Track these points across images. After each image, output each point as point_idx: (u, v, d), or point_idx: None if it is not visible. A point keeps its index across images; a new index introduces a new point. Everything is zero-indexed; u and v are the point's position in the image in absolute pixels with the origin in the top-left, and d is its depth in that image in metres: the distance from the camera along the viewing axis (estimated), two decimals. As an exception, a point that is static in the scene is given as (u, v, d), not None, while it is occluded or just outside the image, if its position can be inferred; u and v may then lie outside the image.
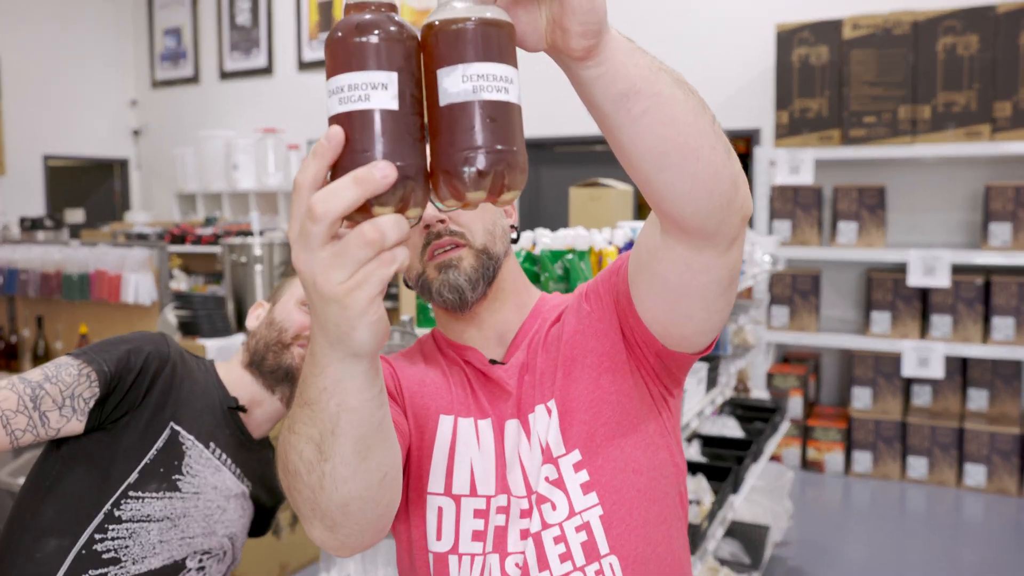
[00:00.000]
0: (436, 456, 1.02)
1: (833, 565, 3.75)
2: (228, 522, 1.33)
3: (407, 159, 0.60)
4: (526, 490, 0.98)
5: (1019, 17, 4.31)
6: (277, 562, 3.53)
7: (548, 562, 0.96)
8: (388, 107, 0.59)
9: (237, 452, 1.35)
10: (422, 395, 1.06)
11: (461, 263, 1.01)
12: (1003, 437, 4.52)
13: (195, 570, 1.27)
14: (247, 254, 3.38)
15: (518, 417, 1.01)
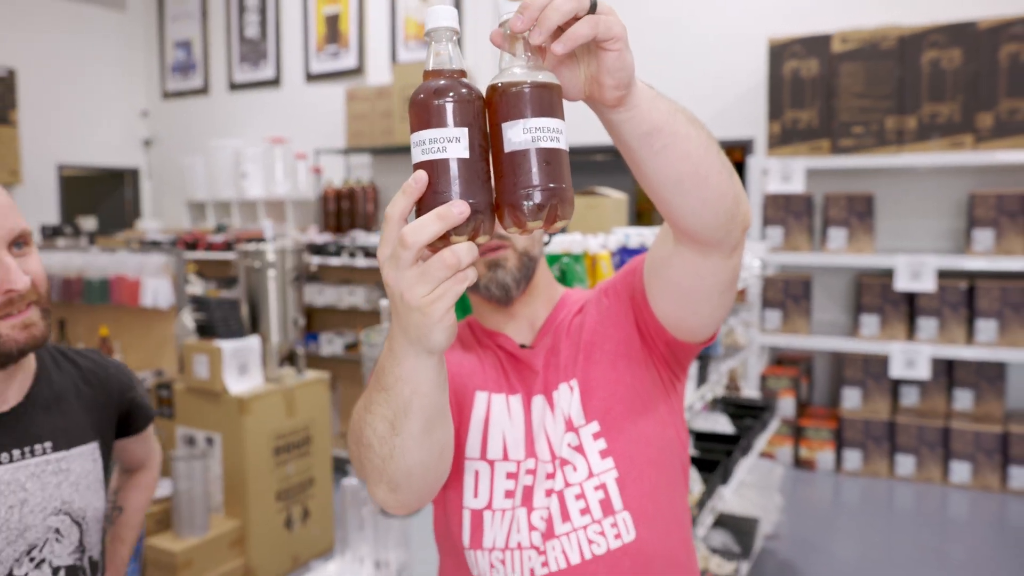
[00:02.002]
0: (473, 427, 1.19)
1: (823, 559, 3.90)
2: (39, 503, 1.15)
3: (477, 197, 0.76)
4: (551, 456, 1.15)
5: (999, 32, 4.48)
6: (290, 555, 3.70)
7: (569, 515, 1.13)
8: (461, 156, 0.75)
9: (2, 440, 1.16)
10: (460, 375, 1.22)
11: (507, 263, 1.18)
12: (987, 436, 4.68)
13: (32, 570, 1.14)
14: (261, 259, 3.56)
15: (544, 393, 1.18)
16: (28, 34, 7.51)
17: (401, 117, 6.04)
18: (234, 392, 3.39)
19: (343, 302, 5.29)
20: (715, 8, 5.49)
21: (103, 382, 1.32)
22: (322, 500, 3.85)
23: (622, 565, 1.11)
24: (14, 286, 1.09)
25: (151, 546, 3.25)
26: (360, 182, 6.48)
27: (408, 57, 6.69)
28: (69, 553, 1.20)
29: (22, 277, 1.09)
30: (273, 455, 3.56)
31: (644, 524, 1.13)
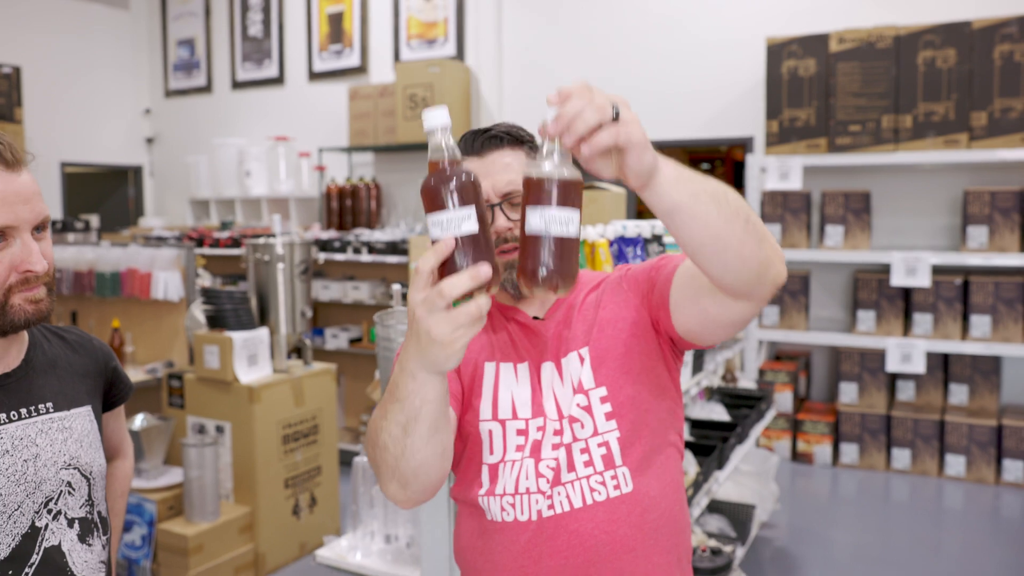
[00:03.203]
0: (484, 393, 1.30)
1: (819, 549, 3.99)
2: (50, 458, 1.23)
3: (488, 260, 0.94)
4: (558, 414, 1.26)
5: (993, 32, 4.57)
6: (297, 541, 3.77)
7: (575, 466, 1.24)
8: (472, 231, 0.93)
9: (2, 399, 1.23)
10: (470, 353, 1.33)
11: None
12: (981, 429, 4.76)
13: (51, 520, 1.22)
14: (270, 253, 3.64)
15: (553, 360, 1.29)
16: (33, 32, 7.58)
17: (404, 116, 6.12)
18: (244, 382, 3.47)
19: (348, 297, 5.37)
20: (714, 9, 5.57)
21: (89, 352, 1.41)
22: (329, 488, 3.92)
23: (620, 511, 1.23)
24: (34, 268, 1.17)
25: (163, 530, 3.33)
26: (363, 180, 6.56)
27: (411, 56, 6.77)
28: (80, 506, 1.27)
29: (42, 261, 1.18)
30: (282, 443, 3.64)
31: (641, 479, 1.25)
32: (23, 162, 1.18)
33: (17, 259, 1.16)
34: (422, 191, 0.95)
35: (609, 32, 5.93)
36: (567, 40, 6.10)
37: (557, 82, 6.10)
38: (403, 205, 6.58)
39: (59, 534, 1.23)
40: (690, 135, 5.76)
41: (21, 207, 1.15)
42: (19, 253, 1.16)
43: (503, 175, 1.27)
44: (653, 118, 5.78)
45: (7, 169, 1.16)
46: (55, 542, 1.23)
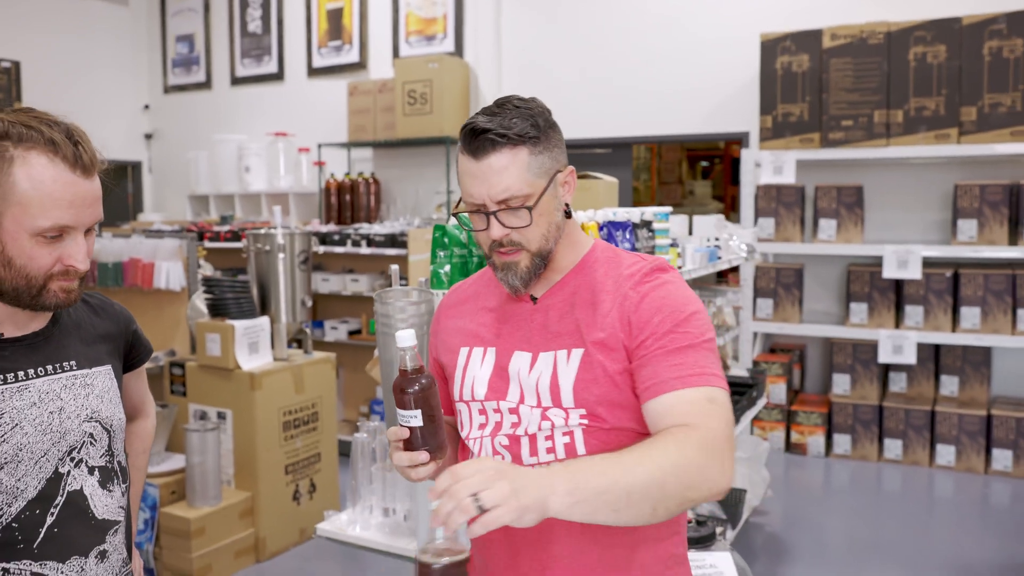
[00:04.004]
0: (457, 376, 1.39)
1: (811, 535, 4.06)
2: (75, 411, 1.33)
3: (431, 443, 1.24)
4: (520, 399, 1.30)
5: (982, 29, 4.64)
6: (297, 527, 3.84)
7: (537, 451, 1.28)
8: (417, 425, 1.23)
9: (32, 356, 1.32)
10: (452, 339, 1.42)
11: (518, 265, 1.29)
12: (970, 419, 4.83)
13: (73, 467, 1.31)
14: (271, 243, 3.70)
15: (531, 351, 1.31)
16: (32, 28, 7.63)
17: (403, 112, 6.18)
18: (245, 369, 3.53)
19: (347, 289, 5.43)
20: (710, 7, 5.64)
21: (111, 316, 1.50)
22: (328, 475, 3.99)
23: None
24: (77, 266, 1.27)
25: (166, 513, 3.40)
26: (362, 175, 6.62)
27: (410, 52, 6.83)
28: (101, 455, 1.37)
29: (86, 261, 1.28)
30: (282, 430, 3.70)
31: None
32: (97, 168, 1.27)
33: (65, 254, 1.25)
34: (393, 388, 1.24)
35: (607, 29, 5.99)
36: (565, 37, 6.17)
37: (556, 80, 6.18)
38: (402, 200, 6.64)
39: (81, 480, 1.33)
40: (687, 131, 5.82)
41: (83, 211, 1.25)
42: (68, 249, 1.25)
43: (498, 183, 1.24)
44: (651, 115, 5.85)
45: (83, 175, 1.24)
46: (77, 487, 1.32)
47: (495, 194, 1.25)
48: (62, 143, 1.23)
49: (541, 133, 1.27)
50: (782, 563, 3.69)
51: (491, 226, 1.27)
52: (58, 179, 1.22)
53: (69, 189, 1.23)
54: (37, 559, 1.27)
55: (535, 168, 1.26)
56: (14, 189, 1.20)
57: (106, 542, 1.36)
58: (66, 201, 1.22)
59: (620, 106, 5.96)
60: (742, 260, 3.46)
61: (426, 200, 6.54)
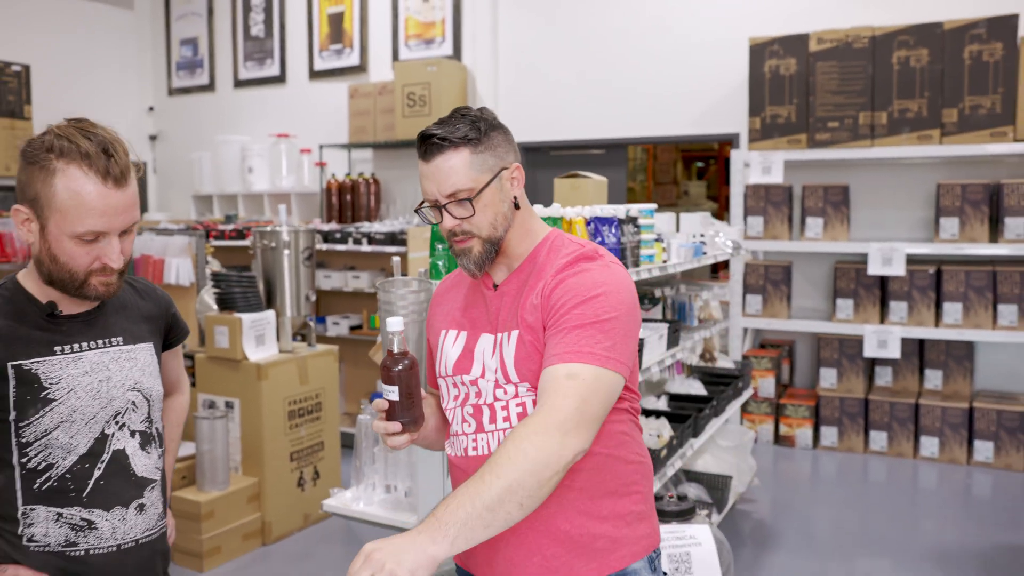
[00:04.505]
0: (438, 355, 1.59)
1: (798, 523, 4.21)
2: (120, 380, 1.50)
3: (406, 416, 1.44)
4: (481, 374, 1.49)
5: (963, 33, 4.80)
6: (301, 512, 3.99)
7: (495, 419, 1.48)
8: (395, 399, 1.42)
9: (85, 331, 1.49)
10: (438, 322, 1.61)
11: (471, 251, 1.47)
12: (953, 412, 4.99)
13: (117, 430, 1.48)
14: (276, 240, 3.86)
15: (492, 332, 1.51)
16: (39, 32, 7.79)
17: (403, 114, 6.34)
18: (252, 360, 3.69)
19: (348, 286, 5.59)
20: (701, 11, 5.80)
21: (153, 299, 1.67)
22: (331, 463, 4.14)
23: None
24: (111, 264, 1.44)
25: (177, 497, 3.55)
26: (362, 176, 6.78)
27: (409, 56, 6.99)
28: (141, 421, 1.54)
29: (119, 259, 1.45)
30: (287, 419, 3.86)
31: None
32: (129, 178, 1.42)
33: (102, 254, 1.42)
34: (381, 366, 1.44)
35: (602, 33, 6.16)
36: (561, 41, 6.33)
37: (551, 83, 6.34)
38: (401, 200, 6.80)
39: (123, 441, 1.51)
40: (680, 132, 5.98)
41: (115, 218, 1.41)
42: (104, 249, 1.42)
43: (446, 180, 1.42)
44: (645, 116, 6.01)
45: (114, 186, 1.40)
46: (120, 447, 1.50)
47: (443, 189, 1.44)
48: (95, 156, 1.38)
49: (482, 136, 1.44)
50: (768, 549, 3.84)
51: (444, 217, 1.46)
52: (92, 192, 1.38)
53: (101, 200, 1.38)
54: (86, 507, 1.46)
55: (477, 165, 1.44)
56: (55, 198, 1.38)
57: (144, 497, 1.53)
58: (98, 211, 1.39)
59: (614, 108, 6.12)
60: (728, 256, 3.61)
61: (425, 200, 6.70)
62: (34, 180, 1.39)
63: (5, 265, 4.55)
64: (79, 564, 1.45)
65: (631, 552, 1.47)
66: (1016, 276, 4.85)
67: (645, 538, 1.50)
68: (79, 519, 1.45)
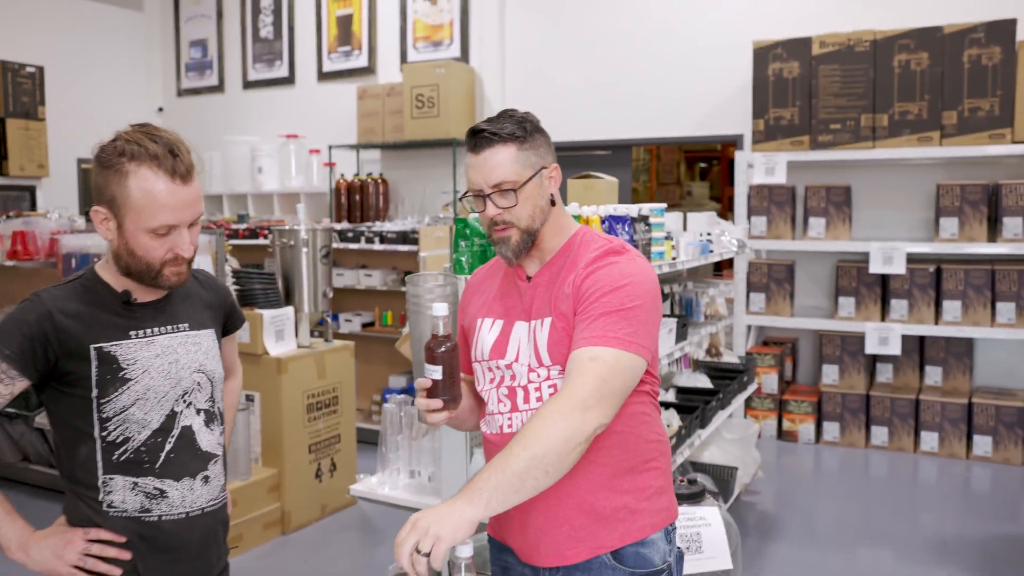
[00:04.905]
0: (474, 341, 1.71)
1: (801, 514, 4.32)
2: (187, 363, 1.62)
3: (447, 394, 1.54)
4: (515, 358, 1.61)
5: (962, 37, 4.92)
6: (319, 503, 4.11)
7: (529, 399, 1.60)
8: (437, 378, 1.52)
9: (156, 317, 1.62)
10: (474, 311, 1.73)
11: (509, 240, 1.60)
12: (952, 407, 5.10)
13: (185, 408, 1.61)
14: (295, 238, 3.97)
15: (526, 320, 1.63)
16: (52, 33, 7.90)
17: (411, 115, 6.45)
18: (273, 354, 3.80)
19: (360, 284, 5.71)
20: (706, 15, 5.92)
21: (214, 290, 1.80)
22: (347, 456, 4.26)
23: None
24: (183, 254, 1.57)
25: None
26: (371, 176, 6.89)
27: (417, 57, 7.09)
28: (205, 400, 1.67)
29: (190, 249, 1.58)
30: (305, 412, 3.98)
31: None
32: (193, 175, 1.54)
33: (174, 245, 1.55)
34: (425, 348, 1.55)
35: (608, 36, 6.27)
36: (568, 44, 6.44)
37: (558, 85, 6.46)
38: (409, 200, 6.91)
39: (190, 418, 1.64)
40: (685, 133, 6.10)
41: (184, 211, 1.53)
42: (176, 241, 1.55)
43: (493, 172, 1.56)
44: (650, 118, 6.13)
45: (181, 182, 1.52)
46: (188, 423, 1.63)
47: (489, 180, 1.57)
48: (163, 157, 1.50)
49: (528, 135, 1.59)
50: (772, 540, 3.95)
51: (487, 206, 1.59)
52: (163, 189, 1.50)
53: (171, 196, 1.51)
54: (158, 477, 1.59)
55: (521, 161, 1.57)
56: (130, 198, 1.50)
57: (208, 469, 1.66)
58: (169, 206, 1.51)
59: (620, 110, 6.23)
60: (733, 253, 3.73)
61: (433, 199, 6.81)
62: (109, 182, 1.51)
63: (27, 263, 4.66)
64: (152, 529, 1.58)
65: (650, 523, 1.59)
66: (1014, 275, 4.96)
67: (663, 511, 1.62)
68: (152, 488, 1.58)
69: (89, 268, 1.63)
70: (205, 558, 1.66)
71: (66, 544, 1.53)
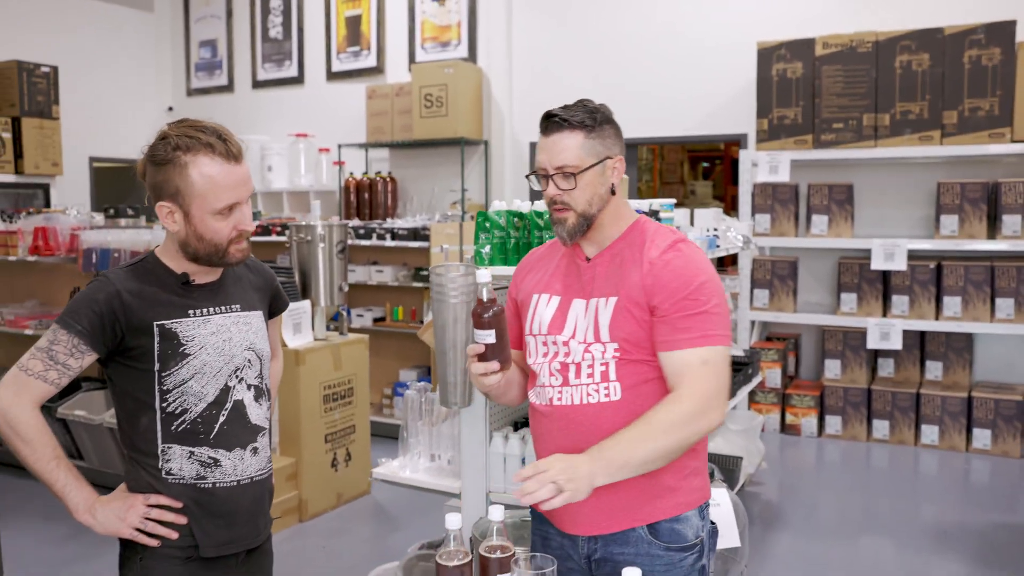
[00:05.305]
0: (529, 315, 1.79)
1: (803, 505, 4.43)
2: (239, 341, 1.73)
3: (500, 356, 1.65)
4: (572, 335, 1.70)
5: (963, 38, 5.02)
6: (335, 492, 4.22)
7: (580, 375, 1.69)
8: (491, 342, 1.63)
9: (211, 298, 1.73)
10: (529, 287, 1.82)
11: (566, 222, 1.68)
12: (952, 401, 5.20)
13: (237, 383, 1.73)
14: (311, 234, 4.08)
15: (584, 298, 1.72)
16: (64, 34, 8.02)
17: (420, 114, 6.56)
18: (291, 347, 3.91)
19: (372, 279, 5.82)
20: (711, 16, 6.03)
21: (262, 274, 1.92)
22: (362, 446, 4.37)
23: (606, 412, 1.68)
24: (248, 228, 1.70)
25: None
26: (380, 174, 7.00)
27: (425, 58, 7.20)
28: (254, 377, 1.78)
29: (252, 224, 1.71)
30: (322, 403, 4.09)
31: (629, 393, 1.68)
32: (242, 155, 1.67)
33: (237, 222, 1.67)
34: (472, 314, 1.64)
35: (614, 36, 6.38)
36: (575, 45, 6.55)
37: (565, 85, 6.56)
38: (418, 199, 7.02)
39: (242, 393, 1.75)
40: (689, 132, 6.21)
41: (242, 188, 1.66)
42: (238, 217, 1.67)
43: (558, 154, 1.65)
44: (655, 117, 6.23)
45: (235, 163, 1.64)
46: (240, 397, 1.74)
47: (554, 162, 1.66)
48: (216, 143, 1.62)
49: (596, 125, 1.69)
50: (776, 529, 4.06)
51: (549, 186, 1.69)
52: (220, 171, 1.62)
53: (229, 176, 1.63)
54: (212, 447, 1.70)
55: (587, 149, 1.67)
56: (194, 186, 1.62)
57: (257, 441, 1.77)
58: (229, 185, 1.63)
59: (627, 110, 6.28)
60: (739, 248, 3.83)
61: (441, 198, 6.92)
62: (171, 177, 1.62)
63: (48, 258, 4.78)
64: (207, 495, 1.69)
65: (685, 501, 1.70)
66: (1013, 271, 5.06)
67: (698, 491, 1.73)
68: (207, 457, 1.70)
69: (150, 253, 1.75)
70: (253, 524, 1.77)
71: (128, 508, 1.65)
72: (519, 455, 2.43)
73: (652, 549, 1.67)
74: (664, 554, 1.68)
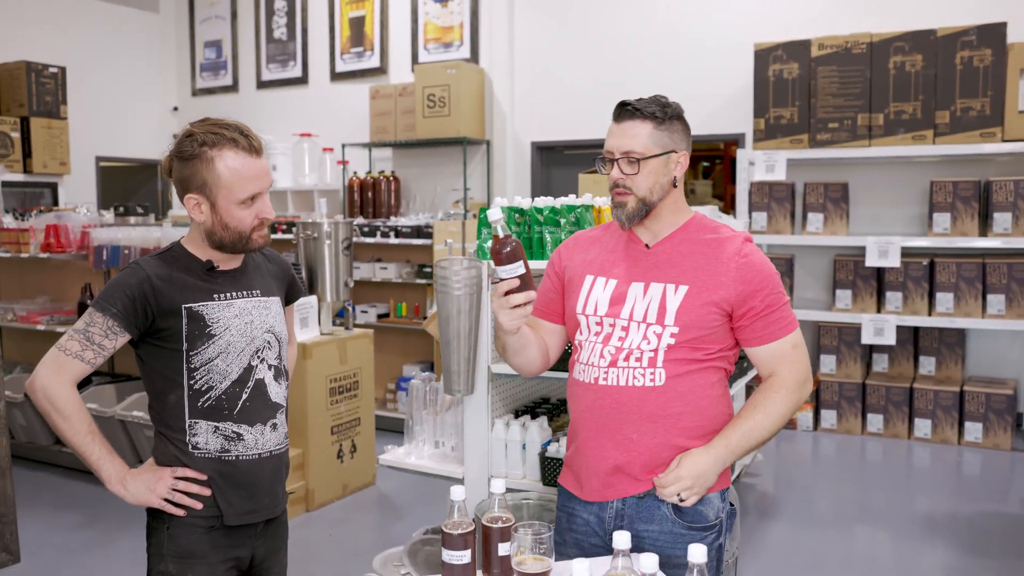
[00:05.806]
0: (581, 295, 1.86)
1: (799, 496, 4.53)
2: (259, 323, 1.85)
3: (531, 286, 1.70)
4: (630, 317, 1.77)
5: (955, 40, 5.12)
6: (340, 483, 4.33)
7: (629, 358, 1.76)
8: (522, 272, 1.68)
9: (234, 283, 1.84)
10: (579, 266, 1.90)
11: (626, 205, 1.77)
12: (945, 395, 5.31)
13: (259, 362, 1.84)
14: (318, 231, 4.19)
15: (643, 281, 1.79)
16: (71, 34, 8.13)
17: (423, 114, 6.67)
18: (298, 340, 4.02)
19: (376, 276, 5.93)
20: (709, 18, 6.14)
21: (278, 263, 2.05)
22: (366, 438, 4.48)
23: (649, 397, 1.76)
24: (269, 217, 1.82)
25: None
26: (383, 173, 7.11)
27: (428, 58, 7.31)
28: (274, 357, 1.89)
29: (272, 212, 1.83)
30: (328, 395, 4.20)
31: (671, 380, 1.76)
32: (263, 149, 1.79)
33: (259, 211, 1.80)
34: (491, 253, 1.69)
35: (614, 37, 6.49)
36: (575, 46, 6.66)
37: (566, 85, 6.67)
38: (421, 198, 7.13)
39: (263, 372, 1.87)
40: (686, 132, 6.30)
41: (264, 179, 1.78)
42: (260, 206, 1.80)
43: (626, 141, 1.75)
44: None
45: (257, 156, 1.77)
46: (261, 376, 1.86)
47: (621, 147, 1.76)
48: (239, 138, 1.75)
49: (666, 119, 1.77)
50: (771, 519, 4.16)
51: (613, 169, 1.79)
52: (244, 164, 1.75)
53: (252, 168, 1.76)
54: (236, 422, 1.82)
55: (654, 139, 1.75)
56: (220, 178, 1.74)
57: (276, 418, 1.89)
58: (252, 176, 1.76)
59: (625, 109, 6.43)
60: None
61: (444, 196, 7.03)
62: (199, 171, 1.74)
63: (60, 255, 4.89)
64: (230, 467, 1.81)
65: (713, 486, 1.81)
66: (1004, 267, 5.17)
67: (723, 476, 1.81)
68: (231, 431, 1.82)
69: (176, 243, 1.88)
70: (273, 494, 1.89)
71: (158, 479, 1.77)
72: (520, 441, 2.54)
73: (675, 528, 1.76)
74: (687, 533, 1.77)
